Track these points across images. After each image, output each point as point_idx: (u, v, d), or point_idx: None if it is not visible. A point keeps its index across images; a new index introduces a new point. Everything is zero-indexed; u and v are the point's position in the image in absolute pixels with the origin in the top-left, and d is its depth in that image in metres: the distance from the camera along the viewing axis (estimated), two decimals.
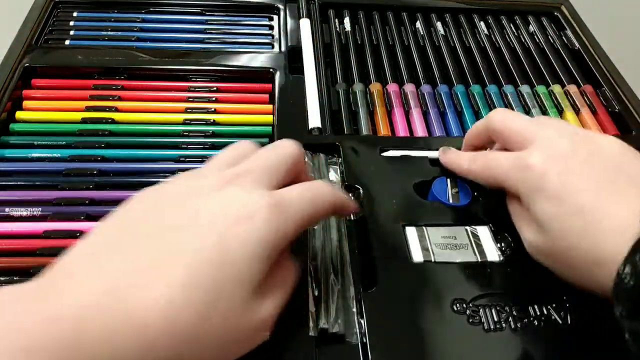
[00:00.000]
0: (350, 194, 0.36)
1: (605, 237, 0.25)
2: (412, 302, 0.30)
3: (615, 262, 0.24)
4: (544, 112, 0.46)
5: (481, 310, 0.30)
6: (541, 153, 0.29)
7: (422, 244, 0.32)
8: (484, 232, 0.33)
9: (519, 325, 0.29)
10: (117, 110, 0.41)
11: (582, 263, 0.27)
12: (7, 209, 0.34)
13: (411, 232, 0.33)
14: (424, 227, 0.33)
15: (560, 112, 0.46)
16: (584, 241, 0.26)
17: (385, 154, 0.38)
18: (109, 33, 0.48)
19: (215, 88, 0.44)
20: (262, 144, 0.39)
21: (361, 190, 0.35)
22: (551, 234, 0.28)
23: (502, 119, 0.32)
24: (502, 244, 0.33)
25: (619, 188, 0.26)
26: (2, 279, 0.30)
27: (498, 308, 0.30)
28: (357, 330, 0.29)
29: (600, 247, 0.25)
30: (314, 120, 0.41)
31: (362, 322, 0.29)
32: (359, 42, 0.51)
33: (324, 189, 0.27)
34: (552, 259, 0.29)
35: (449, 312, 0.29)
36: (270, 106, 0.43)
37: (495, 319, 0.29)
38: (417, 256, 0.32)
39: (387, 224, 0.33)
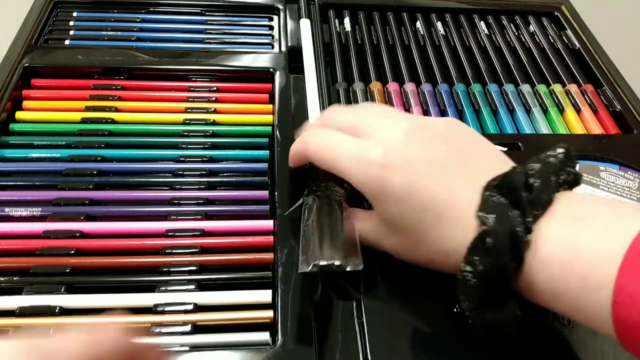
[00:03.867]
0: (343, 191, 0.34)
1: (448, 233, 0.26)
2: (413, 301, 0.30)
3: (459, 254, 0.25)
4: (545, 110, 0.46)
5: None
6: (379, 148, 0.27)
7: None
8: None
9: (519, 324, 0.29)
10: (117, 110, 0.41)
11: (434, 255, 0.27)
12: (6, 209, 0.34)
13: None
14: None
15: (561, 111, 0.46)
16: (431, 235, 0.26)
17: None
18: (109, 33, 0.48)
19: (215, 88, 0.44)
20: (262, 145, 0.40)
21: None
22: (401, 232, 0.28)
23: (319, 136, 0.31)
24: None
25: (457, 178, 0.26)
26: (1, 279, 0.30)
27: None
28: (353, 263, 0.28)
29: (446, 241, 0.26)
30: (314, 119, 0.41)
31: (362, 321, 0.29)
32: (359, 42, 0.51)
33: None
34: (407, 255, 0.29)
35: (450, 312, 0.29)
36: (270, 106, 0.43)
37: None
38: None
39: None
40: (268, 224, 0.34)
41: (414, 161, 0.27)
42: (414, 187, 0.26)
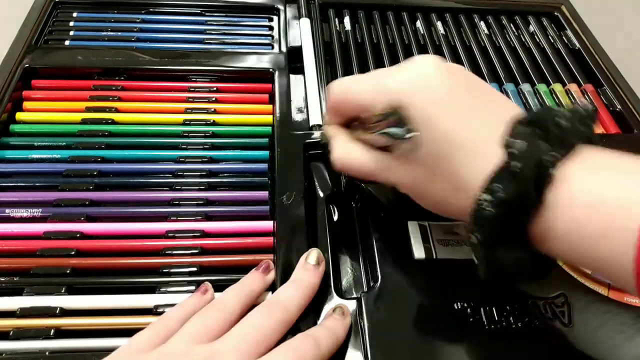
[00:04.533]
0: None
1: (468, 163, 0.25)
2: (413, 299, 0.30)
3: (476, 188, 0.24)
4: None
5: (482, 308, 0.30)
6: (401, 76, 0.27)
7: (424, 240, 0.32)
8: None
9: (519, 324, 0.29)
10: (117, 110, 0.41)
11: (446, 191, 0.27)
12: (7, 210, 0.34)
13: (413, 228, 0.33)
14: (426, 223, 0.33)
15: None
16: (448, 167, 0.26)
17: None
18: (109, 33, 0.48)
19: (215, 88, 0.44)
20: (262, 145, 0.40)
21: (363, 185, 0.35)
22: (414, 163, 0.27)
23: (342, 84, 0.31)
24: None
25: (479, 111, 0.26)
26: (2, 279, 0.30)
27: (499, 306, 0.30)
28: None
29: (463, 172, 0.25)
30: (315, 118, 0.41)
31: (363, 320, 0.29)
32: (359, 41, 0.51)
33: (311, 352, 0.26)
34: (414, 190, 0.29)
35: (450, 310, 0.29)
36: (270, 106, 0.43)
37: (496, 318, 0.29)
38: (419, 252, 0.32)
39: (389, 220, 0.33)
40: (268, 224, 0.34)
41: (436, 90, 0.26)
42: (434, 116, 0.26)
